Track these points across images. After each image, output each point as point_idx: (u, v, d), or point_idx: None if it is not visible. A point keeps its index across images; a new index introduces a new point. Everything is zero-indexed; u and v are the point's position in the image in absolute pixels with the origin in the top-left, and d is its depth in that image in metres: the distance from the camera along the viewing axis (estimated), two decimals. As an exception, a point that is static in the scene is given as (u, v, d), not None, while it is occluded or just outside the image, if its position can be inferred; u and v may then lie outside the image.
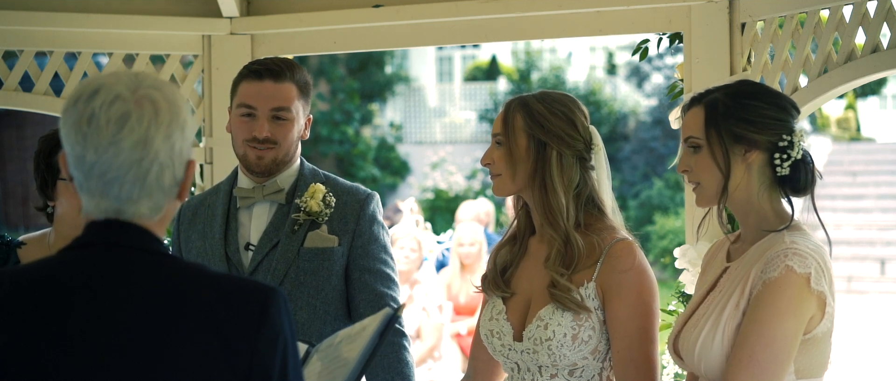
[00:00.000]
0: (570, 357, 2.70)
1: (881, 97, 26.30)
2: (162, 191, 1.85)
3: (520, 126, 2.77)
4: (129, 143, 1.81)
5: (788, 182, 2.56)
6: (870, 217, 17.90)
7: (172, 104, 1.85)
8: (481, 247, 8.04)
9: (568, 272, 2.70)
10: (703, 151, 2.57)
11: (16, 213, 18.73)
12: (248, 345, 1.79)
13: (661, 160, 19.60)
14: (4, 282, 1.85)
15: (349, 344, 2.35)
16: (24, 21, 4.07)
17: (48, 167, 3.13)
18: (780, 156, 2.53)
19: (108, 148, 1.81)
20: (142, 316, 1.79)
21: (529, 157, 2.76)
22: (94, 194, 1.86)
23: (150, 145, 1.82)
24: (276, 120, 3.10)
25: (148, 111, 1.82)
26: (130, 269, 1.83)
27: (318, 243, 3.12)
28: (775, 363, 2.41)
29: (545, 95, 2.81)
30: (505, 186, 2.81)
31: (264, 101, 3.09)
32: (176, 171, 1.86)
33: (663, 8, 3.77)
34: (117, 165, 1.82)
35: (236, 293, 1.83)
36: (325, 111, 20.99)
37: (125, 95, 1.82)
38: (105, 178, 1.83)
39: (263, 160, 3.12)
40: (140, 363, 1.78)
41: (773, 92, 2.63)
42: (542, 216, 2.77)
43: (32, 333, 1.80)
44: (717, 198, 2.59)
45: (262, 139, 3.09)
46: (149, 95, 1.83)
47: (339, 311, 3.16)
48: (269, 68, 3.11)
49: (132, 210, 1.85)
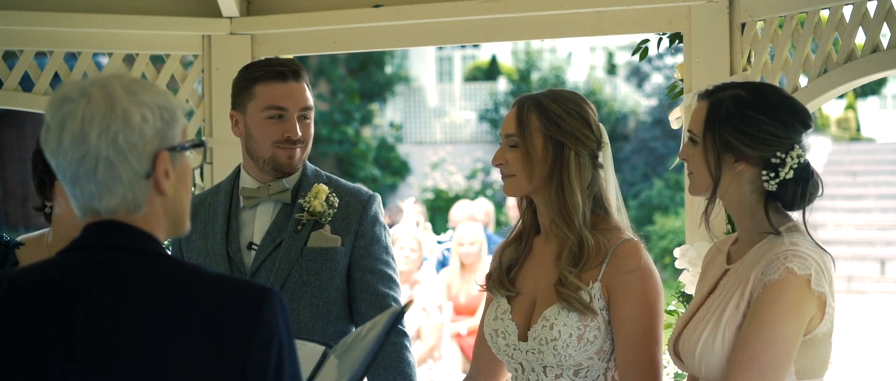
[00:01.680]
0: (576, 357, 2.69)
1: (881, 97, 26.29)
2: (122, 185, 1.84)
3: (535, 127, 2.76)
4: (68, 142, 1.83)
5: (777, 197, 2.55)
6: (870, 217, 17.89)
7: (109, 97, 1.83)
8: (481, 247, 8.04)
9: (577, 271, 2.70)
10: (698, 147, 2.59)
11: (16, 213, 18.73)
12: (242, 346, 1.79)
13: (661, 160, 19.60)
14: (3, 285, 1.85)
15: (360, 342, 2.36)
16: (24, 21, 4.07)
17: (46, 167, 3.12)
18: (769, 173, 2.51)
19: (57, 151, 1.84)
20: (137, 318, 1.79)
21: (546, 158, 2.76)
22: (73, 200, 1.88)
23: (85, 141, 1.82)
24: (302, 120, 3.15)
25: (81, 107, 1.82)
26: (127, 270, 1.83)
27: (322, 243, 3.12)
28: (776, 365, 2.41)
29: (557, 94, 2.80)
30: (519, 187, 2.80)
31: (294, 101, 3.12)
32: (133, 164, 1.84)
33: (663, 8, 3.77)
34: (67, 165, 1.84)
35: (231, 294, 1.83)
36: (325, 111, 20.99)
37: (72, 95, 1.83)
38: (67, 179, 1.86)
39: (294, 160, 3.15)
40: (136, 365, 1.78)
41: (788, 106, 2.56)
42: (557, 216, 2.76)
43: (31, 336, 1.80)
44: (705, 192, 2.59)
45: (296, 139, 3.12)
46: (87, 92, 1.83)
47: (342, 311, 3.17)
48: (291, 69, 3.15)
49: (104, 207, 1.85)
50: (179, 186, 1.91)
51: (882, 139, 24.04)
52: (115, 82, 1.85)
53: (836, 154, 20.62)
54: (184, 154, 1.91)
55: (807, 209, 2.56)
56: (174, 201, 1.91)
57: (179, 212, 1.93)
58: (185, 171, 1.93)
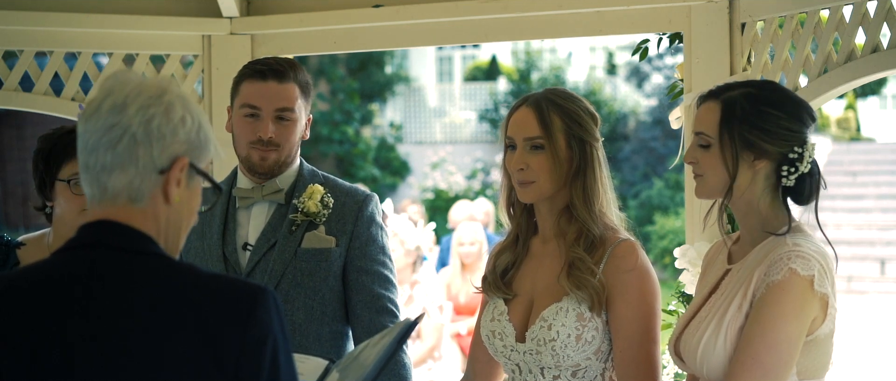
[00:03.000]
0: (574, 358, 2.69)
1: (881, 97, 26.29)
2: (135, 167, 1.86)
3: (559, 127, 2.73)
4: (106, 108, 1.87)
5: (791, 192, 2.55)
6: (870, 217, 17.89)
7: (161, 89, 1.89)
8: (482, 247, 8.03)
9: (589, 258, 2.70)
10: (712, 149, 2.56)
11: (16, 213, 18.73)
12: (235, 346, 1.79)
13: (661, 160, 19.59)
14: (1, 286, 1.86)
15: (370, 350, 2.37)
16: (24, 21, 4.07)
17: (47, 167, 3.12)
18: (789, 168, 2.52)
19: (92, 117, 1.88)
20: (137, 318, 1.79)
21: (572, 158, 2.74)
22: (83, 172, 1.90)
23: (122, 112, 1.86)
24: (279, 120, 3.09)
25: (133, 83, 1.89)
26: (126, 270, 1.84)
27: (316, 244, 3.11)
28: (779, 366, 2.41)
29: (566, 93, 2.80)
30: (542, 191, 2.75)
31: (268, 101, 3.08)
32: (154, 152, 1.86)
33: (663, 8, 3.77)
34: (94, 130, 1.87)
35: (226, 294, 1.83)
36: (325, 111, 20.98)
37: (129, 74, 1.92)
38: (87, 147, 1.88)
39: (267, 161, 3.11)
40: (135, 365, 1.78)
41: (794, 100, 2.59)
42: (582, 206, 2.73)
43: (30, 336, 1.80)
44: (717, 194, 2.59)
45: (267, 140, 3.08)
46: (144, 78, 1.91)
47: (337, 312, 3.15)
48: (272, 68, 3.10)
49: (111, 184, 1.87)
50: (184, 203, 1.93)
51: (882, 139, 24.03)
52: (174, 86, 1.92)
53: (836, 154, 20.62)
54: (198, 180, 1.94)
55: (810, 207, 2.57)
56: (174, 217, 1.92)
57: (175, 231, 1.93)
58: (194, 195, 1.96)
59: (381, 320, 3.12)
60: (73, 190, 3.09)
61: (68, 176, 3.08)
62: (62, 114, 4.12)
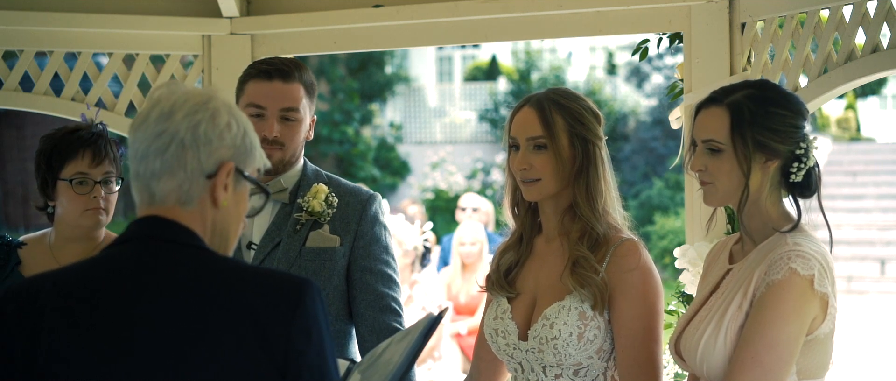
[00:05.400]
0: (576, 356, 2.70)
1: (881, 97, 26.30)
2: (183, 172, 1.91)
3: (562, 126, 2.74)
4: (154, 116, 1.93)
5: (798, 187, 2.56)
6: (870, 217, 17.89)
7: (208, 96, 1.95)
8: (482, 246, 8.03)
9: (593, 256, 2.70)
10: (724, 155, 2.54)
11: (16, 213, 18.74)
12: (283, 333, 1.85)
13: (661, 160, 19.59)
14: (46, 283, 1.92)
15: (394, 348, 2.37)
16: (24, 21, 4.07)
17: (49, 167, 3.13)
18: (797, 165, 2.53)
19: (141, 126, 1.94)
20: (181, 307, 1.86)
21: (575, 157, 2.75)
22: (134, 180, 1.96)
23: (170, 119, 1.91)
24: (284, 120, 3.11)
25: (180, 93, 1.95)
26: (176, 261, 1.90)
27: (320, 243, 3.12)
28: (779, 365, 2.41)
29: (568, 93, 2.81)
30: (546, 190, 2.76)
31: (274, 101, 3.09)
32: (201, 157, 1.92)
33: (663, 8, 3.77)
34: (143, 139, 1.92)
35: (273, 284, 1.90)
36: (325, 111, 20.99)
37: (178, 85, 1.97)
38: (137, 155, 1.94)
39: (271, 161, 3.11)
40: (188, 354, 1.84)
41: (792, 97, 2.60)
42: (585, 205, 2.74)
43: (91, 330, 1.86)
44: (730, 200, 2.58)
45: (271, 139, 3.09)
46: (192, 88, 1.96)
47: (341, 311, 3.16)
48: (278, 68, 3.12)
49: (159, 189, 1.92)
50: (232, 207, 1.98)
51: (882, 139, 24.04)
52: (219, 94, 1.98)
53: (836, 154, 20.62)
54: (246, 186, 2.00)
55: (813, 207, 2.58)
56: (223, 220, 1.98)
57: (224, 233, 1.99)
58: (242, 199, 2.01)
59: (385, 318, 3.13)
60: (75, 190, 3.09)
61: (70, 176, 3.09)
62: (62, 114, 4.12)
